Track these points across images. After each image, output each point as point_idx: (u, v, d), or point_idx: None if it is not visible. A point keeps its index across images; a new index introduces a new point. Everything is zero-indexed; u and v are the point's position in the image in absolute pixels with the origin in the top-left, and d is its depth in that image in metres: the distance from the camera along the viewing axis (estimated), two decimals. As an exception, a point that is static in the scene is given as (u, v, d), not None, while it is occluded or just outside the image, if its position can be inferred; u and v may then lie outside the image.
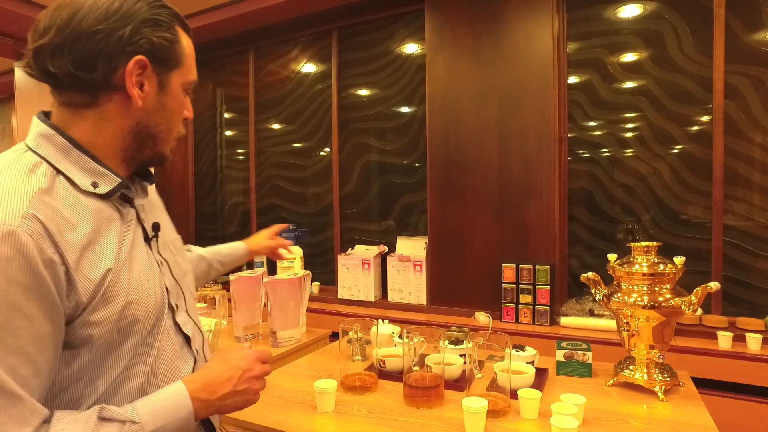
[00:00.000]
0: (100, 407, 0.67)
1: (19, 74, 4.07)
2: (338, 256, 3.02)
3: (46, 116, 0.75)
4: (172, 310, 0.83)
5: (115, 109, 0.74)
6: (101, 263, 0.69)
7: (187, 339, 0.85)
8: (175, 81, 0.79)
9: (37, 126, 0.73)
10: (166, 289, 0.82)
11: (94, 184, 0.73)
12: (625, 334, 1.42)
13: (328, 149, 3.33)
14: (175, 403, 0.72)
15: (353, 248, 3.08)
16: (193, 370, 0.84)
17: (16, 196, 0.63)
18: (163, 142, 0.81)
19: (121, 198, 0.78)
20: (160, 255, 0.84)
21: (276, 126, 3.57)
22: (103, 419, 0.66)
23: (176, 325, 0.83)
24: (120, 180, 0.75)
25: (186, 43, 0.80)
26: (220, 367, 0.80)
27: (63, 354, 0.68)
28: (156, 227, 0.84)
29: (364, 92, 3.20)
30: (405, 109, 3.07)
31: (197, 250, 1.38)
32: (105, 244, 0.71)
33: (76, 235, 0.68)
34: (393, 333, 1.73)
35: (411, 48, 3.02)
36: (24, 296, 0.61)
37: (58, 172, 0.70)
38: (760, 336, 1.99)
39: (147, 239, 0.82)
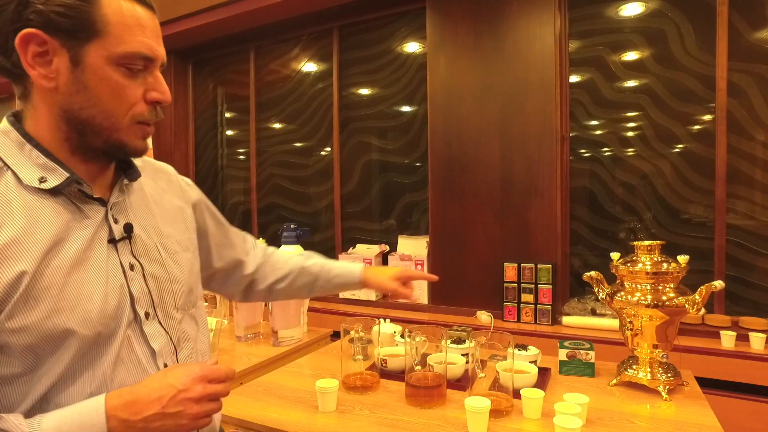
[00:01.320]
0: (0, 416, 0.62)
1: (20, 73, 4.06)
2: (339, 255, 3.01)
3: (15, 115, 0.73)
4: (138, 319, 0.76)
5: (38, 96, 0.69)
6: (15, 265, 0.63)
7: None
8: (94, 54, 0.67)
9: (1, 124, 0.71)
10: (131, 295, 0.75)
11: (42, 179, 0.68)
12: (628, 333, 1.41)
13: (329, 148, 3.32)
14: (87, 420, 0.64)
15: (354, 247, 3.08)
16: None
17: None
18: (108, 129, 0.71)
19: (84, 194, 0.73)
20: (135, 258, 0.78)
21: (277, 125, 3.56)
22: (14, 425, 0.61)
23: (144, 335, 0.76)
24: (68, 174, 0.69)
25: (113, 8, 0.67)
26: (154, 383, 0.69)
27: None
28: (128, 228, 0.77)
29: (365, 91, 3.20)
30: (406, 108, 3.06)
31: (304, 262, 1.24)
32: (29, 244, 0.65)
33: None
34: (395, 332, 1.73)
35: (412, 47, 3.02)
36: None
37: (8, 167, 0.68)
38: (763, 335, 1.98)
39: (113, 240, 0.75)
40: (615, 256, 1.47)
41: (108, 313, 0.71)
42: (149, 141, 0.79)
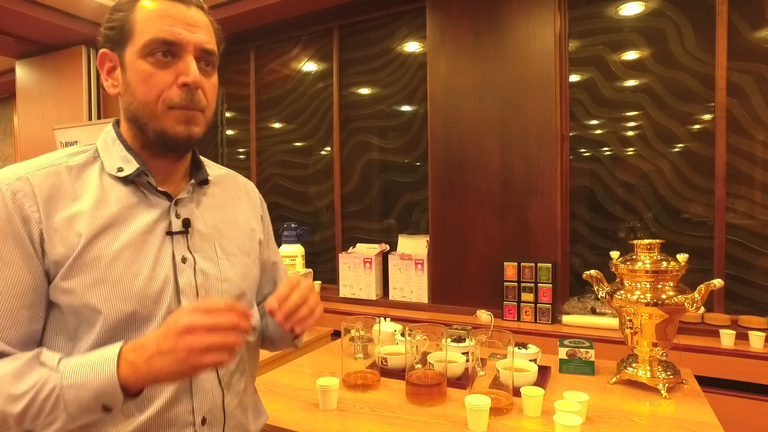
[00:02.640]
0: (40, 350, 0.69)
1: (21, 73, 4.07)
2: (339, 255, 3.02)
3: (117, 120, 0.86)
4: (178, 304, 0.79)
5: (119, 103, 0.83)
6: (77, 227, 0.73)
7: None
8: (128, 54, 0.77)
9: (106, 127, 0.86)
10: (177, 285, 0.79)
11: (119, 169, 0.79)
12: (628, 331, 1.41)
13: (329, 148, 3.33)
14: (102, 358, 0.66)
15: (354, 247, 3.08)
16: (190, 380, 0.78)
17: (28, 166, 0.74)
18: (150, 119, 0.77)
19: (152, 186, 0.81)
20: (190, 252, 0.82)
21: (277, 125, 3.56)
22: (39, 362, 0.68)
23: None
24: (138, 166, 0.79)
25: (143, 8, 0.76)
26: (159, 328, 0.69)
27: (48, 313, 0.74)
28: (186, 223, 0.83)
29: (365, 91, 3.20)
30: (406, 108, 3.06)
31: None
32: (92, 217, 0.74)
33: (70, 204, 0.74)
34: (395, 331, 1.73)
35: (412, 46, 3.02)
36: (2, 242, 0.69)
37: (99, 158, 0.80)
38: (762, 334, 1.99)
39: (170, 233, 0.80)
40: (615, 254, 1.47)
41: (147, 294, 0.75)
42: (197, 129, 0.80)
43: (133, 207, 0.78)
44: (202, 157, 0.93)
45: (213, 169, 0.95)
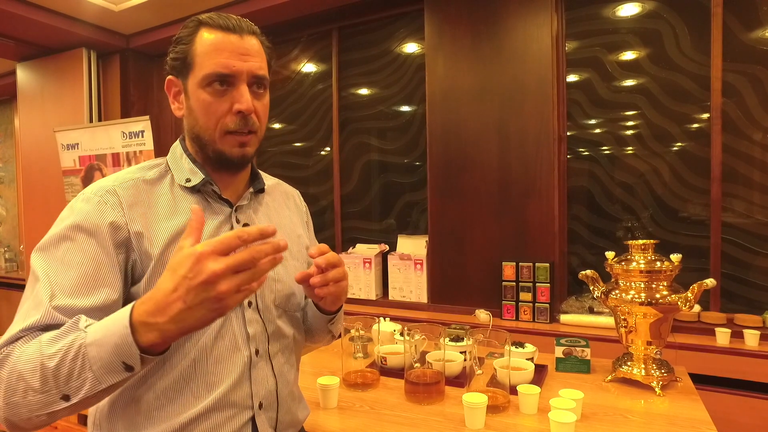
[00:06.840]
0: (79, 317, 0.69)
1: (22, 75, 4.09)
2: (339, 255, 3.03)
3: (183, 136, 0.95)
4: (242, 305, 0.87)
5: (182, 122, 0.93)
6: (154, 232, 0.82)
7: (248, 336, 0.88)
8: (191, 84, 0.85)
9: (174, 143, 0.94)
10: None
11: (187, 180, 0.88)
12: (622, 330, 1.43)
13: (328, 148, 3.35)
14: (118, 316, 0.66)
15: (354, 247, 3.10)
16: (249, 367, 0.87)
17: (113, 180, 0.84)
18: (208, 141, 0.86)
19: (216, 194, 0.89)
20: None
21: (277, 126, 3.58)
22: (77, 328, 0.68)
23: (244, 319, 0.87)
24: (204, 176, 0.88)
25: (201, 41, 0.84)
26: (166, 280, 0.64)
27: None
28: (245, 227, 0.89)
29: (364, 92, 3.22)
30: (405, 109, 3.09)
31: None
32: (169, 224, 0.83)
33: (146, 211, 0.83)
34: (394, 331, 1.75)
35: (411, 47, 3.04)
36: (82, 234, 0.77)
37: (170, 171, 0.90)
38: (757, 332, 2.01)
39: None
40: (610, 254, 1.49)
41: None
42: (250, 149, 0.88)
43: (206, 214, 0.87)
44: (258, 169, 1.01)
45: (266, 179, 1.03)
